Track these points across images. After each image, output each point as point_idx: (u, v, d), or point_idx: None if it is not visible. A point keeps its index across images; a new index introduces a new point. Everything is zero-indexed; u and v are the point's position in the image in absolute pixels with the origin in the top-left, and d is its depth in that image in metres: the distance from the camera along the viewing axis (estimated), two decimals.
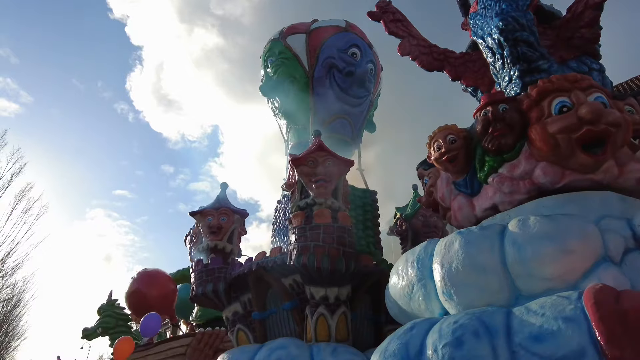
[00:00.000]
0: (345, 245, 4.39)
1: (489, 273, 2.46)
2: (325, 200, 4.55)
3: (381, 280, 4.68)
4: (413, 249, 3.09)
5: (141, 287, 7.22)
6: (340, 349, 4.18)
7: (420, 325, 2.20)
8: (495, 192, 2.74)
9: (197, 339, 7.24)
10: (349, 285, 4.55)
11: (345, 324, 4.47)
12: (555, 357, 1.71)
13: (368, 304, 4.87)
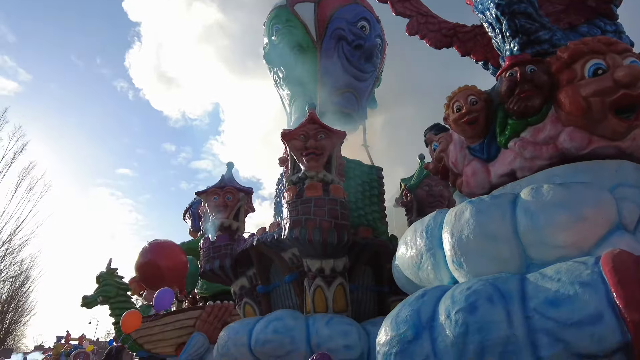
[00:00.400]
0: (337, 218, 4.36)
1: (500, 241, 2.42)
2: (317, 173, 4.49)
3: (381, 252, 4.70)
4: (422, 219, 3.05)
5: (154, 257, 7.11)
6: (335, 319, 4.21)
7: (432, 293, 2.17)
8: (515, 157, 2.63)
9: (206, 312, 7.28)
10: (344, 257, 4.55)
11: (344, 295, 4.48)
12: (571, 322, 1.68)
13: (370, 276, 4.89)
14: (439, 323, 1.95)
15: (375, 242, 4.76)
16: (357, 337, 4.05)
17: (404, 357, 1.96)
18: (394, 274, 3.35)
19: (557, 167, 2.74)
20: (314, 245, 4.35)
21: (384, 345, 2.09)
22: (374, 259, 4.83)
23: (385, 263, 4.75)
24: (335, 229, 4.31)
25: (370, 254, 4.76)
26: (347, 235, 4.37)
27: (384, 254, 4.72)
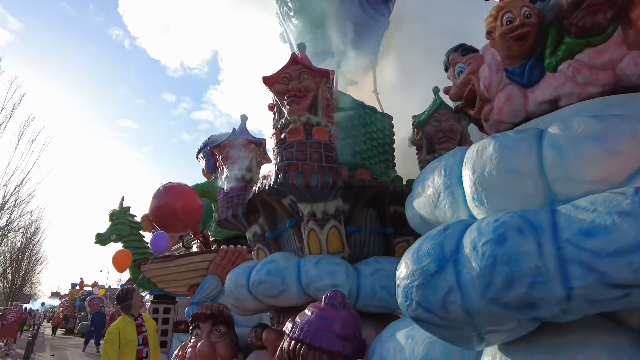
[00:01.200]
0: (320, 161, 4.23)
1: (524, 176, 2.30)
2: (299, 117, 4.29)
3: (382, 193, 4.61)
4: (440, 157, 2.92)
5: (169, 200, 7.02)
6: (324, 260, 4.26)
7: (455, 226, 2.08)
8: (564, 82, 2.40)
9: (220, 255, 7.38)
10: (337, 200, 4.45)
11: (338, 237, 4.46)
12: (607, 252, 1.59)
13: (374, 218, 4.82)
14: (464, 255, 1.86)
15: (374, 183, 4.62)
16: (344, 276, 4.11)
17: (426, 289, 1.89)
18: (408, 214, 3.26)
19: (588, 102, 2.55)
20: (300, 190, 4.31)
21: (405, 278, 2.02)
22: (376, 201, 4.74)
23: (388, 205, 4.71)
24: (318, 172, 4.20)
25: (371, 196, 4.65)
26: (334, 178, 4.24)
27: (387, 196, 4.65)
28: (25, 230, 27.50)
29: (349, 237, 4.64)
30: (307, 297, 4.31)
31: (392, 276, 4.11)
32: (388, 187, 4.60)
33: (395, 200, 4.73)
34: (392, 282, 4.07)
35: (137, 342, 4.33)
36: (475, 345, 1.94)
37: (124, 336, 4.25)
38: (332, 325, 2.74)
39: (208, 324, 4.98)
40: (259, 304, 4.72)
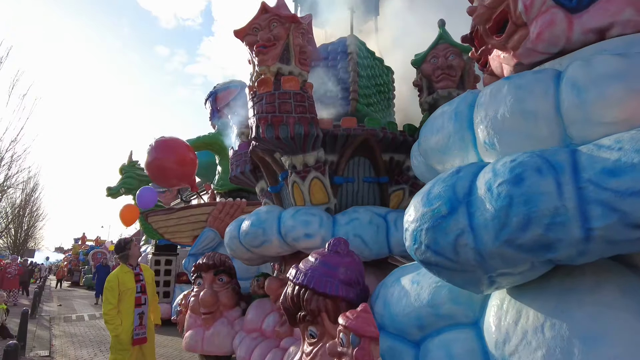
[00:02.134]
0: (289, 112, 4.10)
1: (539, 119, 2.17)
2: (269, 67, 4.10)
3: (372, 141, 4.46)
4: (450, 101, 2.78)
5: (159, 156, 6.97)
6: (301, 211, 4.31)
7: (468, 169, 1.97)
8: (623, 7, 2.13)
9: (218, 208, 7.42)
10: (315, 151, 4.36)
11: (321, 188, 4.43)
12: (632, 191, 1.50)
13: (367, 167, 4.72)
14: (478, 197, 1.77)
15: (359, 131, 4.45)
16: (317, 226, 4.15)
17: (436, 232, 1.82)
18: (413, 162, 3.16)
19: (609, 41, 2.38)
20: (273, 143, 4.25)
21: (414, 221, 1.94)
22: (367, 150, 4.60)
23: (380, 153, 4.59)
24: (287, 124, 4.08)
25: (359, 145, 4.50)
26: (306, 129, 4.11)
27: (377, 144, 4.51)
28: (25, 186, 27.40)
29: (337, 188, 4.60)
30: (288, 247, 4.39)
31: (365, 225, 4.11)
32: (377, 135, 4.43)
33: (390, 148, 4.61)
34: (365, 230, 4.08)
35: (135, 289, 4.39)
36: (485, 289, 1.89)
37: (122, 284, 4.31)
38: (335, 271, 2.70)
39: (210, 274, 5.01)
40: (251, 254, 4.79)
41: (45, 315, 13.97)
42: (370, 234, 4.04)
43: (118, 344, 4.20)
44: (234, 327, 4.74)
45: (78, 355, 8.11)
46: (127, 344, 4.21)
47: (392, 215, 4.23)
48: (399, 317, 2.33)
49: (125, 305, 4.28)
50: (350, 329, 2.14)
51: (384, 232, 4.10)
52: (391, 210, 4.37)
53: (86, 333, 10.57)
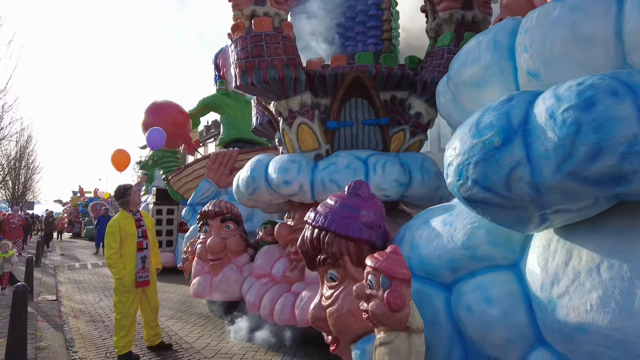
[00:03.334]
0: (261, 55, 3.86)
1: (595, 45, 1.91)
2: (241, 10, 3.85)
3: (363, 79, 4.11)
4: (486, 30, 2.49)
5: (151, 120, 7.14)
6: (283, 159, 4.25)
7: (521, 96, 1.73)
8: None
9: (211, 160, 7.30)
10: (299, 95, 4.11)
11: (310, 134, 4.23)
12: None
13: (366, 109, 4.37)
14: (537, 125, 1.55)
15: (348, 69, 4.07)
16: (295, 172, 4.07)
17: (487, 165, 1.61)
18: (439, 99, 2.90)
19: None
20: (251, 90, 4.10)
21: (460, 155, 1.72)
22: (363, 90, 4.24)
23: (377, 92, 4.22)
24: (260, 68, 3.86)
25: (352, 85, 4.16)
26: (280, 72, 3.86)
27: (372, 81, 4.14)
28: (18, 138, 26.78)
29: (333, 133, 4.33)
30: (277, 195, 4.29)
31: (342, 170, 3.91)
32: (369, 71, 4.07)
33: (389, 85, 4.23)
34: (341, 175, 3.88)
35: (137, 234, 4.34)
36: (533, 228, 1.72)
37: (123, 229, 4.28)
38: (357, 213, 2.52)
39: (217, 221, 4.86)
40: (252, 202, 4.70)
41: (49, 263, 14.03)
42: (345, 179, 3.79)
43: (122, 286, 4.23)
44: (243, 273, 4.65)
45: (84, 300, 8.17)
46: (131, 286, 4.23)
47: (373, 159, 3.96)
48: (429, 260, 2.18)
49: (127, 250, 4.26)
50: (380, 271, 1.98)
51: (362, 176, 3.86)
52: (376, 154, 4.07)
53: (90, 280, 10.63)
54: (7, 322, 4.04)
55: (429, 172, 3.99)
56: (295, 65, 3.94)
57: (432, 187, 4.00)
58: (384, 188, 3.85)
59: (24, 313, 3.66)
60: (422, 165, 4.00)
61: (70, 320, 6.34)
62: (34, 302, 7.55)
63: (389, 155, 4.00)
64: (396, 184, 3.86)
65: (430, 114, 4.28)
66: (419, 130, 4.35)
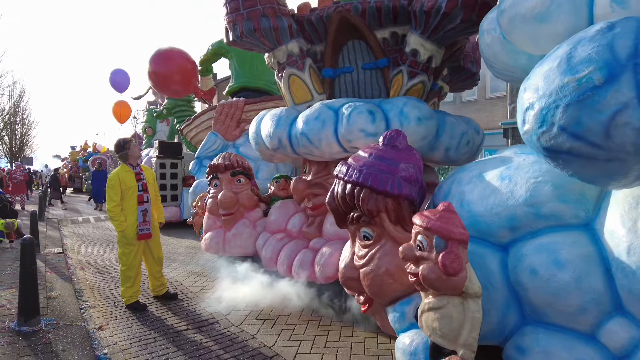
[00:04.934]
0: (237, 10, 3.71)
1: None
2: None
3: (351, 19, 3.61)
4: None
5: (156, 68, 6.54)
6: (270, 113, 4.10)
7: (627, 23, 1.38)
8: None
9: (217, 111, 6.85)
10: (284, 45, 3.84)
11: (301, 85, 3.98)
12: None
13: (365, 52, 3.85)
14: None
15: (331, 10, 3.64)
16: (273, 127, 3.88)
17: (582, 108, 1.31)
18: (484, 38, 2.52)
19: None
20: (240, 44, 3.95)
21: (544, 96, 1.41)
22: (356, 31, 3.74)
23: (371, 30, 3.68)
24: (237, 22, 3.70)
25: (342, 27, 3.71)
26: (255, 23, 3.63)
27: (362, 19, 3.61)
28: (11, 92, 25.80)
29: (332, 82, 3.94)
30: (271, 150, 4.11)
31: (311, 121, 3.54)
32: (355, 9, 3.56)
33: (385, 21, 3.63)
34: (310, 127, 3.54)
35: (137, 188, 4.26)
36: (626, 183, 1.44)
37: (123, 182, 4.20)
38: (395, 167, 2.24)
39: (227, 175, 4.58)
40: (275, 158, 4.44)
41: (52, 218, 13.91)
42: (314, 131, 3.50)
43: (124, 239, 4.22)
44: (256, 228, 4.44)
45: (89, 252, 8.19)
46: (133, 238, 4.20)
47: (345, 107, 3.47)
48: (483, 217, 1.93)
49: (129, 203, 4.22)
50: (434, 231, 1.73)
51: (331, 127, 3.45)
52: (352, 101, 3.56)
53: (94, 233, 10.58)
54: (17, 274, 4.02)
55: (408, 119, 3.33)
56: (273, 14, 3.65)
57: (415, 136, 3.37)
58: (349, 139, 3.37)
59: (33, 264, 3.64)
60: (402, 112, 3.36)
61: (78, 272, 6.41)
62: (41, 254, 7.47)
63: (363, 102, 3.46)
64: (362, 134, 3.32)
65: (429, 50, 3.58)
66: (417, 69, 3.66)
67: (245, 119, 6.81)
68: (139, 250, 4.27)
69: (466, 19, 3.19)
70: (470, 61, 4.49)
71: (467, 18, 3.18)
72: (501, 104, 16.63)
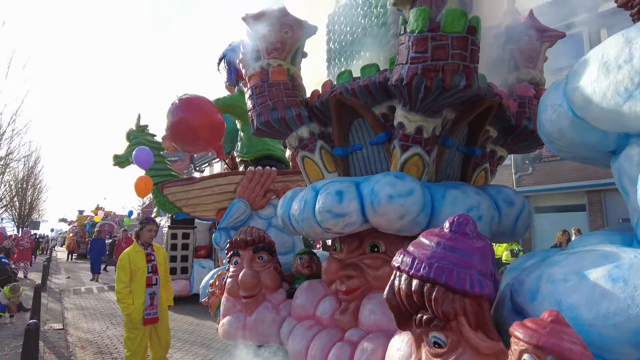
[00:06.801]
0: (258, 104, 3.93)
1: None
2: None
3: (345, 101, 3.51)
4: (636, 26, 1.91)
5: (185, 115, 5.83)
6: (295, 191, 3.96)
7: None
8: None
9: (247, 177, 6.44)
10: (294, 131, 3.94)
11: (313, 166, 3.99)
12: None
13: (368, 128, 3.70)
14: None
15: (327, 96, 3.63)
16: (279, 208, 3.95)
17: None
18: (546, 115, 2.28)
19: None
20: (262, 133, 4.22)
21: None
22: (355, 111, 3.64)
23: (365, 109, 3.51)
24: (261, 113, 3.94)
25: (341, 108, 3.65)
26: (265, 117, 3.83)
27: (355, 100, 3.47)
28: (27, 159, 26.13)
29: (344, 160, 3.86)
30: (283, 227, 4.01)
31: (297, 202, 3.41)
32: (347, 90, 3.44)
33: (379, 97, 3.42)
34: (294, 209, 3.44)
35: (146, 269, 4.19)
36: None
37: (133, 263, 4.15)
38: (470, 259, 1.88)
39: (249, 251, 4.19)
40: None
41: (55, 287, 13.24)
42: (299, 213, 3.44)
43: (130, 323, 4.08)
44: (280, 312, 3.95)
45: (90, 328, 7.71)
46: (139, 323, 4.05)
47: (323, 187, 3.31)
48: (595, 328, 1.53)
49: (137, 285, 4.11)
50: (547, 351, 1.34)
51: (311, 208, 3.30)
52: (334, 180, 3.42)
53: (96, 306, 9.98)
54: (16, 355, 3.77)
55: (378, 197, 3.01)
56: (281, 107, 3.83)
57: (389, 215, 3.03)
58: (321, 220, 3.20)
59: (35, 352, 3.32)
60: (372, 190, 3.06)
61: (78, 352, 6.11)
62: (41, 331, 6.90)
63: (339, 182, 3.28)
64: (329, 215, 3.12)
65: (414, 121, 3.26)
66: (408, 142, 3.35)
67: (273, 189, 6.52)
68: (145, 335, 4.01)
69: (430, 87, 2.84)
70: (525, 118, 4.03)
71: (430, 86, 2.83)
72: (507, 172, 16.60)
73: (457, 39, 2.76)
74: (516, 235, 3.74)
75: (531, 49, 4.18)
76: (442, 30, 2.76)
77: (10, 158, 19.86)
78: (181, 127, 5.83)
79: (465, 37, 2.77)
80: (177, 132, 5.89)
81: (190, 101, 5.93)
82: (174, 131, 5.90)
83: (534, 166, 16.25)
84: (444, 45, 2.76)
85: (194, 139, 5.90)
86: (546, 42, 4.24)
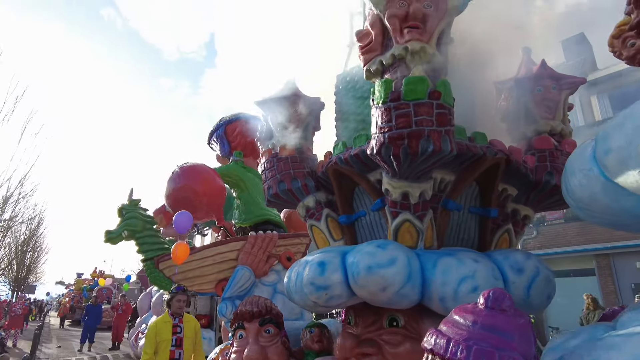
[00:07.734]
0: (268, 178, 4.08)
1: None
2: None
3: (340, 170, 3.50)
4: None
5: (188, 182, 5.81)
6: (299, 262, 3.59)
7: None
8: None
9: (250, 243, 6.16)
10: (301, 200, 4.00)
11: (320, 234, 3.95)
12: None
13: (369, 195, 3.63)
14: None
15: (324, 166, 3.66)
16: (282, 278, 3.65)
17: None
18: (575, 179, 2.16)
19: None
20: (275, 204, 4.42)
21: None
22: (351, 180, 3.60)
23: (360, 177, 3.47)
24: (270, 186, 4.06)
25: (340, 177, 3.61)
26: (274, 190, 3.90)
27: (348, 169, 3.47)
28: (29, 222, 25.90)
29: (349, 227, 3.74)
30: None
31: (293, 274, 3.22)
32: (340, 160, 3.46)
33: (371, 165, 3.35)
34: (289, 281, 3.25)
35: (170, 342, 3.98)
36: None
37: (159, 334, 4.01)
38: (511, 340, 1.65)
39: (255, 324, 3.86)
40: None
41: (44, 358, 12.35)
42: (293, 285, 3.26)
43: None
44: None
45: None
46: None
47: (312, 258, 3.16)
48: None
49: (161, 357, 3.95)
50: None
51: (301, 279, 3.11)
52: (325, 250, 3.34)
53: None
54: None
55: (358, 268, 2.82)
56: (288, 179, 3.90)
57: (370, 287, 2.81)
58: (305, 293, 3.04)
59: None
60: (353, 261, 2.88)
61: None
62: None
63: (328, 252, 3.15)
64: (312, 287, 2.96)
65: (398, 187, 3.17)
66: (396, 209, 3.24)
67: (274, 254, 6.27)
68: None
69: (398, 154, 2.78)
70: (546, 173, 3.64)
71: (398, 153, 2.78)
72: None
73: (418, 105, 2.73)
74: (532, 307, 3.10)
75: (548, 99, 3.94)
76: (402, 99, 2.76)
77: (14, 221, 19.70)
78: (184, 194, 5.78)
79: (429, 102, 2.74)
80: (179, 199, 5.82)
81: (192, 168, 6.00)
82: (175, 198, 5.84)
83: (538, 229, 15.96)
84: (406, 113, 2.75)
85: (197, 204, 5.80)
86: (566, 90, 4.02)
